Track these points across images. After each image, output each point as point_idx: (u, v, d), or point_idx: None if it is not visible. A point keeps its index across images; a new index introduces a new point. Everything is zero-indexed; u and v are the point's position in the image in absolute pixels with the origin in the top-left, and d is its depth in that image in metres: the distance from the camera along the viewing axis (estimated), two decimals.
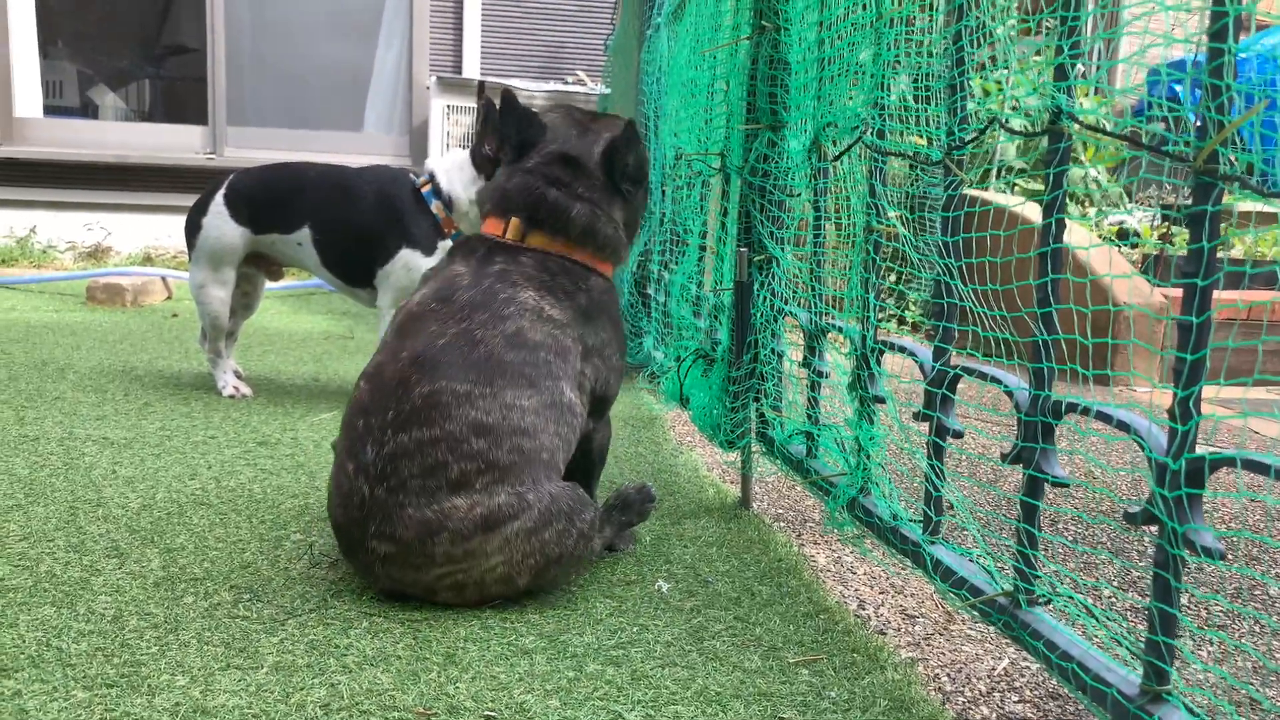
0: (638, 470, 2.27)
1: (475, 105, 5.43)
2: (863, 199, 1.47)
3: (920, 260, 1.34)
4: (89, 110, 7.61)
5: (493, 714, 1.22)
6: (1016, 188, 4.30)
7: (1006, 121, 1.13)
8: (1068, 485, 1.09)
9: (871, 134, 1.40)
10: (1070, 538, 1.98)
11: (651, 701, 1.27)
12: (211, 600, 1.50)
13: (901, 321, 3.78)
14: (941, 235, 1.25)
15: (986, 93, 3.26)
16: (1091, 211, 4.33)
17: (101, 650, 1.32)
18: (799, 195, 1.75)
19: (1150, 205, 4.29)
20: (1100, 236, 3.94)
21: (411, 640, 1.41)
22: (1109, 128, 0.94)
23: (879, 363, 1.46)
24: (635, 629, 1.48)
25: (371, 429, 1.48)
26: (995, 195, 3.77)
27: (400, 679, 1.29)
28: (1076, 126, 0.98)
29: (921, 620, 1.61)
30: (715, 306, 2.11)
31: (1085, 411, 1.03)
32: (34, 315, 4.10)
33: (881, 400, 1.47)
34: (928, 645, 1.52)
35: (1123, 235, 4.05)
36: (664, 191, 2.86)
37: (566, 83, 5.84)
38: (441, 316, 1.53)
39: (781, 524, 2.00)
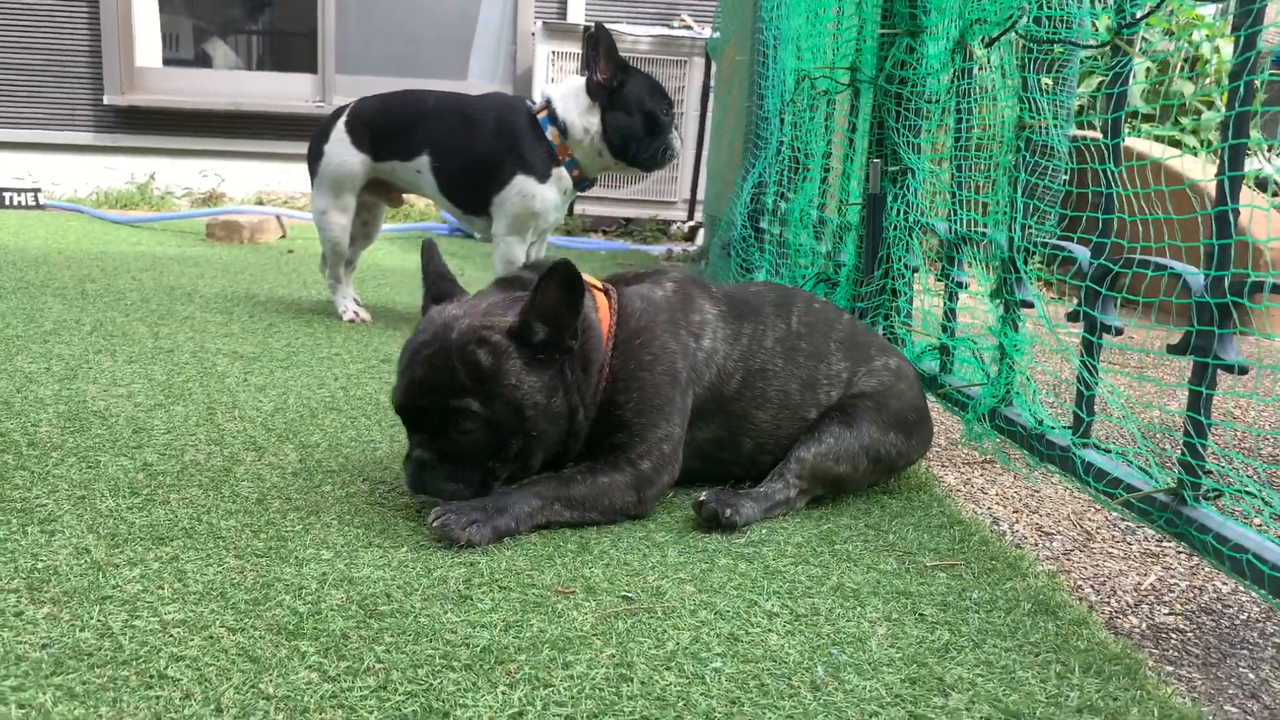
0: None
1: (581, 51, 5.43)
2: (1014, 94, 1.41)
3: (1069, 150, 1.28)
4: (203, 61, 7.83)
5: (629, 595, 1.23)
6: (1146, 138, 4.10)
7: None
8: (1246, 371, 1.03)
9: (1028, 20, 1.33)
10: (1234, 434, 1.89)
11: (788, 593, 1.26)
12: (349, 489, 1.54)
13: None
14: (1105, 113, 1.18)
15: None
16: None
17: (249, 526, 1.37)
18: (938, 101, 1.69)
19: None
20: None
21: (544, 530, 1.42)
22: None
23: (1027, 264, 1.41)
24: (764, 530, 1.46)
25: None
26: (1143, 144, 3.60)
27: (536, 562, 1.31)
28: None
29: (1059, 537, 1.56)
30: (840, 227, 2.07)
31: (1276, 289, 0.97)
32: (159, 249, 4.25)
33: (1029, 304, 1.41)
34: (1068, 560, 1.47)
35: (1262, 185, 3.82)
36: (782, 120, 2.80)
37: (672, 27, 5.77)
38: None
39: None
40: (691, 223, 5.63)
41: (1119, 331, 1.23)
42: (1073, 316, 1.29)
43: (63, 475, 1.51)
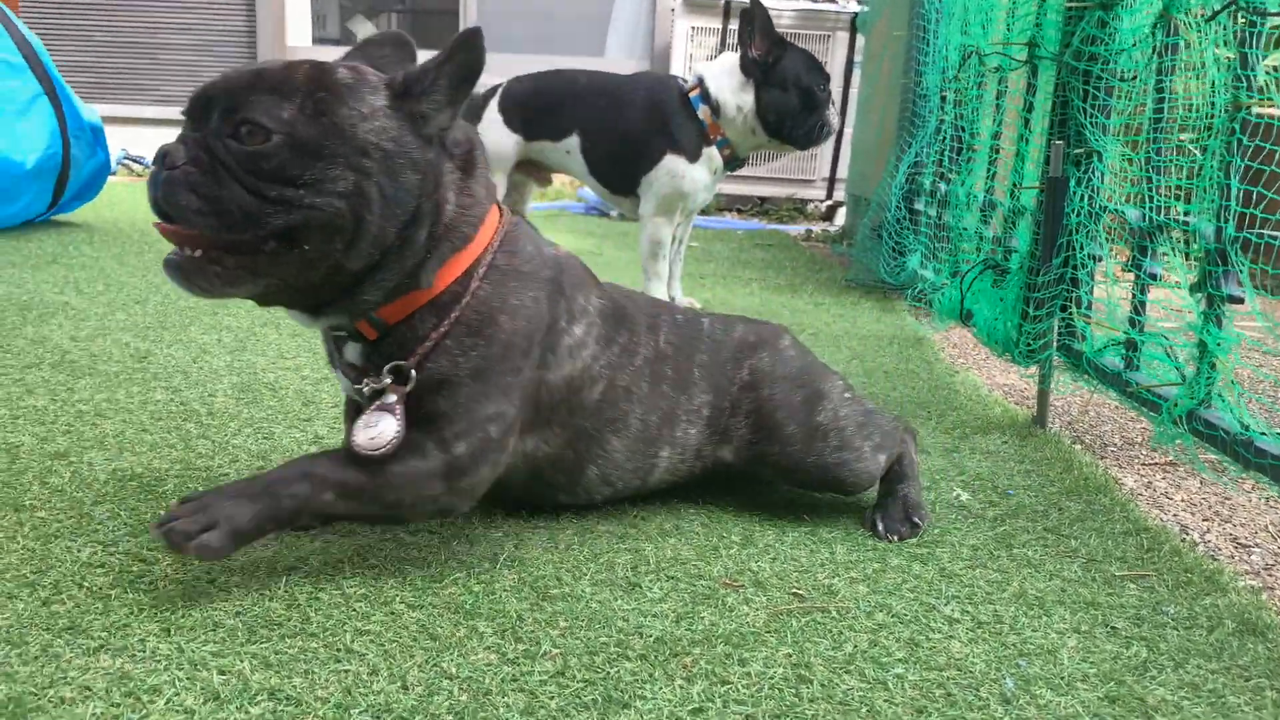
0: (912, 387, 2.17)
1: (720, 26, 5.36)
2: (1228, 72, 1.30)
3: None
4: (348, 39, 8.08)
5: (799, 592, 1.19)
6: None
7: None
8: None
9: None
10: None
11: (966, 598, 1.20)
12: None
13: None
14: None
15: None
16: None
17: None
18: (1134, 79, 1.58)
19: None
20: None
21: (706, 519, 1.40)
22: None
23: (1240, 254, 1.30)
24: (936, 531, 1.41)
25: None
26: None
27: (701, 552, 1.29)
28: None
29: (1258, 550, 1.45)
30: (1012, 211, 1.97)
31: None
32: None
33: (1238, 300, 1.31)
34: (1270, 575, 1.36)
35: None
36: (943, 98, 2.69)
37: (816, 0, 5.64)
38: None
39: (1080, 446, 1.86)
40: (830, 201, 5.51)
41: None
42: None
43: (241, 445, 1.57)
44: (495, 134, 2.81)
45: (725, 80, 2.62)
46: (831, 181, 5.43)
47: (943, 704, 0.98)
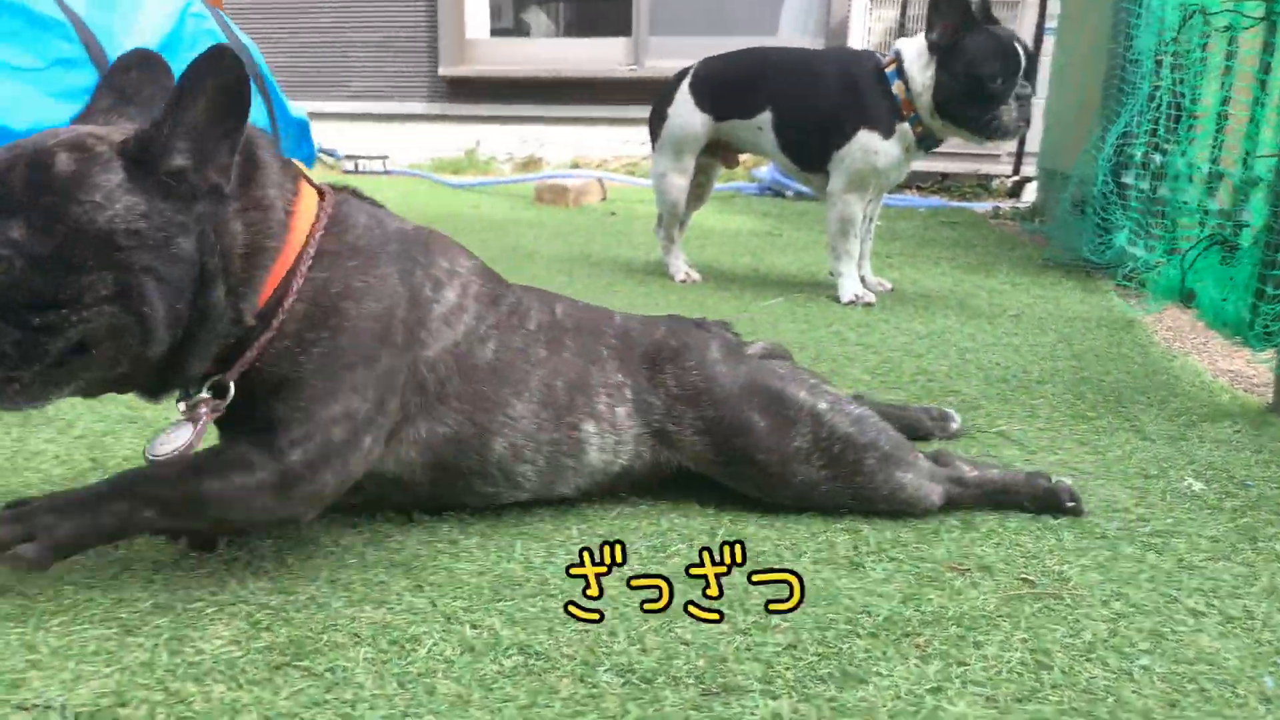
0: (1128, 372, 2.06)
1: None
2: None
3: None
4: (522, 29, 8.28)
5: (1029, 577, 1.16)
6: None
7: None
8: None
9: None
10: None
11: (1211, 590, 1.14)
12: None
13: None
14: None
15: None
16: None
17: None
18: None
19: None
20: None
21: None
22: None
23: None
24: (1169, 521, 1.34)
25: None
26: None
27: (921, 535, 1.27)
28: None
29: None
30: (1244, 182, 1.84)
31: None
32: (494, 212, 4.57)
33: None
34: None
35: None
36: (1158, 62, 2.53)
37: None
38: None
39: None
40: (1016, 177, 5.28)
41: None
42: None
43: None
44: (686, 116, 2.83)
45: (916, 57, 2.54)
46: (1019, 156, 5.19)
47: (1196, 699, 0.94)
